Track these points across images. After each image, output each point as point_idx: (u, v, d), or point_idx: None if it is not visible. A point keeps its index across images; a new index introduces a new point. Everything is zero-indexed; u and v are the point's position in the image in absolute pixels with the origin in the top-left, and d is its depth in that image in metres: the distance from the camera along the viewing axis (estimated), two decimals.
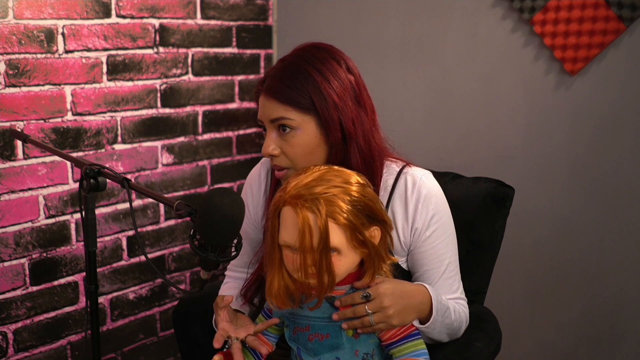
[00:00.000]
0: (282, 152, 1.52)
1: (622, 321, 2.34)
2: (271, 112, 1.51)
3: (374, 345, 1.42)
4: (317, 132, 1.51)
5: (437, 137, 2.55)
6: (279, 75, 1.51)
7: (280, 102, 1.49)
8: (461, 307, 1.59)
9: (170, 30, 2.43)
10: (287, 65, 1.52)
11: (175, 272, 2.57)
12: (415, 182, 1.56)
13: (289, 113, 1.49)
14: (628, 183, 2.27)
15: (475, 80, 2.46)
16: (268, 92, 1.51)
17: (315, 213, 1.29)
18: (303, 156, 1.51)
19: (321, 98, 1.49)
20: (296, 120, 1.49)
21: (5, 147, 2.02)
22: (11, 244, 2.06)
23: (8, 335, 2.08)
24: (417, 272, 1.58)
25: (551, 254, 2.41)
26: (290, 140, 1.51)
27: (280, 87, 1.49)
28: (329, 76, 1.50)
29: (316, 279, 1.32)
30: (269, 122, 1.52)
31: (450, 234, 1.59)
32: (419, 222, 1.55)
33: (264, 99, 1.52)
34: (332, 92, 1.49)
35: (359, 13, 2.64)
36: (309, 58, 1.52)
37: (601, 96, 2.27)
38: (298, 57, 1.53)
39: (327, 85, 1.49)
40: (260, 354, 1.50)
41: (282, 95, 1.49)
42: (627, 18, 2.18)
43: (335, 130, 1.50)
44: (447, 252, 1.57)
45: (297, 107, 1.49)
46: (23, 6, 2.01)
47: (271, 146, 1.52)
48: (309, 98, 1.49)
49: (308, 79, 1.49)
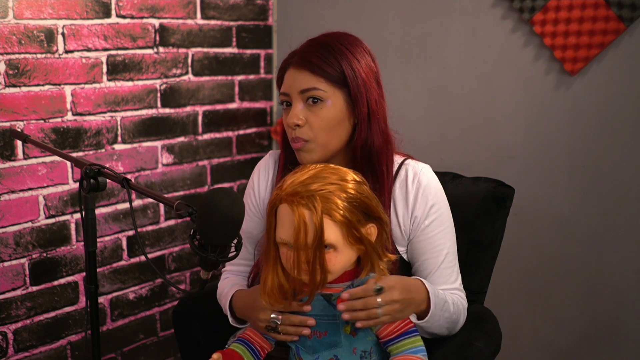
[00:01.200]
0: (307, 123, 1.55)
1: (622, 321, 2.34)
2: (303, 83, 1.55)
3: (371, 343, 1.42)
4: (344, 106, 1.56)
5: (437, 137, 2.55)
6: (311, 50, 1.57)
7: (313, 73, 1.54)
8: (459, 299, 1.59)
9: (170, 30, 2.43)
10: (318, 42, 1.58)
11: (175, 272, 2.57)
12: (416, 173, 1.61)
13: (321, 84, 1.54)
14: (628, 183, 2.27)
15: (475, 80, 2.46)
16: (300, 64, 1.56)
17: (311, 210, 1.30)
18: (327, 130, 1.55)
19: (353, 73, 1.55)
20: (327, 92, 1.54)
21: (5, 147, 2.02)
22: (11, 244, 2.06)
23: (8, 335, 2.08)
24: (417, 261, 1.60)
25: (551, 254, 2.42)
26: (318, 112, 1.55)
27: (313, 59, 1.55)
28: (358, 56, 1.57)
29: (309, 275, 1.33)
30: (298, 93, 1.55)
31: (448, 225, 1.61)
32: (418, 210, 1.58)
33: (294, 71, 1.56)
34: (361, 70, 1.56)
35: (359, 13, 2.64)
36: (340, 38, 1.59)
37: (601, 96, 2.27)
38: (328, 37, 1.60)
39: (357, 63, 1.56)
40: (260, 353, 1.50)
41: (316, 67, 1.54)
42: (627, 18, 2.18)
43: (363, 105, 1.56)
44: (446, 243, 1.60)
45: (329, 79, 1.54)
46: (23, 6, 2.01)
47: (298, 115, 1.55)
48: (341, 71, 1.55)
49: (341, 54, 1.55)
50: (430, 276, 1.58)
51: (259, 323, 1.48)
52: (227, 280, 1.75)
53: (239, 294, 1.63)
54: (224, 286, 1.72)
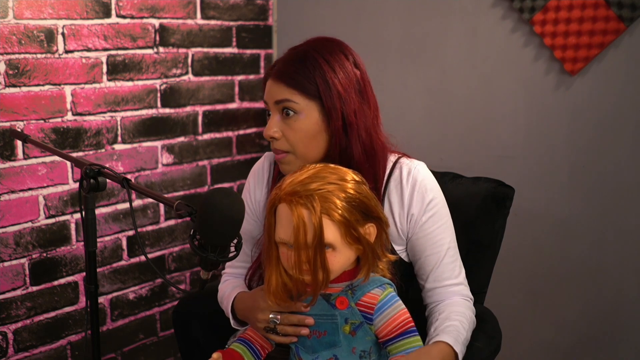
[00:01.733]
0: (283, 136, 1.56)
1: (622, 321, 2.34)
2: (277, 94, 1.56)
3: (371, 343, 1.42)
4: (319, 119, 1.55)
5: (437, 137, 2.54)
6: (289, 60, 1.57)
7: (287, 85, 1.54)
8: (466, 310, 1.58)
9: (170, 30, 2.43)
10: (297, 52, 1.58)
11: (175, 272, 2.57)
12: (410, 171, 1.61)
13: (294, 96, 1.54)
14: (628, 183, 2.27)
15: (475, 80, 2.46)
16: (276, 75, 1.57)
17: (309, 209, 1.30)
18: (303, 141, 1.56)
19: (326, 86, 1.54)
20: (300, 104, 1.54)
21: (5, 147, 2.02)
22: (11, 244, 2.06)
23: (8, 335, 2.08)
24: (419, 259, 1.61)
25: (551, 254, 2.41)
26: (293, 125, 1.55)
27: (288, 71, 1.55)
28: (335, 67, 1.56)
29: (310, 275, 1.33)
30: (274, 104, 1.57)
31: (446, 220, 1.62)
32: (414, 208, 1.58)
33: (271, 82, 1.58)
34: (337, 82, 1.55)
35: (359, 13, 2.64)
36: (318, 48, 1.58)
37: (601, 96, 2.27)
38: (308, 46, 1.59)
39: (333, 74, 1.55)
40: (261, 353, 1.50)
41: (290, 79, 1.54)
42: (627, 18, 2.18)
43: (337, 119, 1.55)
44: (446, 238, 1.60)
45: (302, 92, 1.54)
46: (23, 6, 2.01)
47: (273, 128, 1.56)
48: (314, 84, 1.54)
49: (315, 66, 1.55)
50: (434, 272, 1.59)
51: (258, 324, 1.49)
52: (227, 283, 1.75)
53: (241, 296, 1.63)
54: (225, 289, 1.73)
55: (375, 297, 1.39)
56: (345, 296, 1.40)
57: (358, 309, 1.39)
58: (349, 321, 1.40)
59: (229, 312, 1.66)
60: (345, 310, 1.40)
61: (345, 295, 1.40)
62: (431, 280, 1.60)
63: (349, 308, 1.40)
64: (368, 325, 1.40)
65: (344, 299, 1.40)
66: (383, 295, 1.39)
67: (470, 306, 1.61)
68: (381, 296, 1.39)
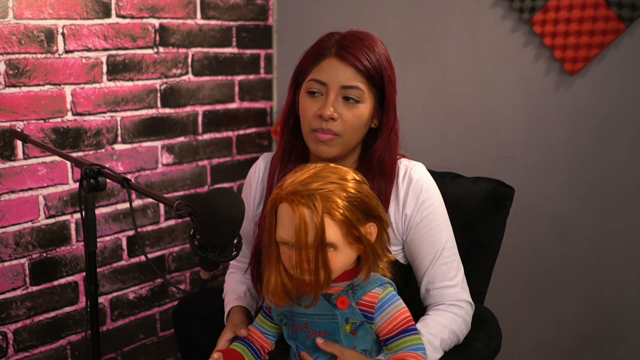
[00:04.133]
0: (339, 118, 1.54)
1: (622, 321, 2.34)
2: (347, 79, 1.53)
3: (372, 342, 1.42)
4: (372, 110, 1.57)
5: (437, 137, 2.55)
6: (357, 45, 1.54)
7: (358, 71, 1.53)
8: (457, 318, 1.56)
9: (170, 30, 2.43)
10: (360, 39, 1.55)
11: (175, 272, 2.57)
12: (406, 171, 1.60)
13: (363, 84, 1.53)
14: (628, 183, 2.27)
15: (475, 80, 2.46)
16: (345, 58, 1.52)
17: (311, 209, 1.30)
18: (355, 129, 1.55)
19: (390, 80, 1.56)
20: (365, 93, 1.54)
21: (5, 147, 2.02)
22: (11, 244, 2.06)
23: (8, 335, 2.08)
24: (415, 260, 1.60)
25: (551, 253, 2.41)
26: (353, 110, 1.54)
27: (360, 55, 1.52)
28: (392, 66, 1.59)
29: (312, 275, 1.33)
30: (340, 87, 1.53)
31: (443, 220, 1.60)
32: (409, 208, 1.58)
33: (337, 63, 1.53)
34: (394, 79, 1.58)
35: (359, 13, 2.64)
36: (377, 41, 1.58)
37: (601, 96, 2.27)
38: (368, 36, 1.57)
39: (391, 71, 1.58)
40: (261, 352, 1.50)
41: (362, 65, 1.53)
42: (627, 18, 2.18)
43: (392, 114, 1.58)
44: (442, 239, 1.59)
45: (370, 82, 1.54)
46: (23, 6, 2.01)
47: (332, 109, 1.53)
48: (381, 77, 1.55)
49: (383, 58, 1.56)
50: (428, 274, 1.58)
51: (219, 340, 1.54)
52: (232, 275, 1.79)
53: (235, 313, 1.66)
54: (230, 282, 1.77)
55: (376, 296, 1.39)
56: (346, 296, 1.40)
57: (359, 308, 1.39)
58: (350, 321, 1.40)
59: (225, 317, 1.68)
60: (346, 310, 1.40)
61: (346, 295, 1.40)
62: (425, 283, 1.60)
63: (350, 308, 1.40)
64: (369, 324, 1.40)
65: (344, 298, 1.40)
66: (384, 294, 1.39)
67: (459, 313, 1.58)
68: (382, 295, 1.39)
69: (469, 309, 1.60)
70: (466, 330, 1.59)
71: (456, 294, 1.59)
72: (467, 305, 1.60)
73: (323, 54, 1.55)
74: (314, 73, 1.55)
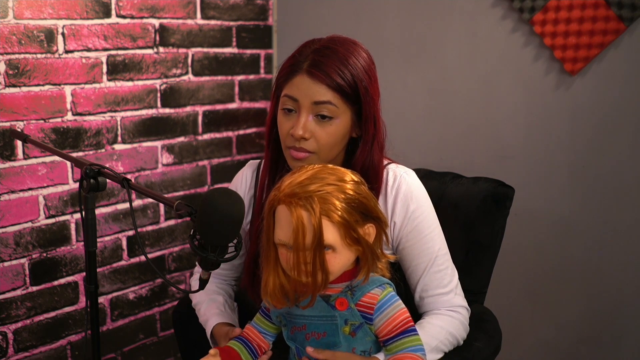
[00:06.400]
0: (313, 136, 1.51)
1: (622, 321, 2.34)
2: (317, 95, 1.48)
3: (371, 343, 1.42)
4: (349, 123, 1.53)
5: (437, 137, 2.55)
6: (328, 60, 1.49)
7: (329, 87, 1.48)
8: (454, 320, 1.56)
9: (170, 30, 2.43)
10: (333, 51, 1.50)
11: (175, 272, 2.57)
12: (395, 178, 1.58)
13: (336, 99, 1.49)
14: (628, 183, 2.27)
15: (475, 80, 2.46)
16: (316, 75, 1.48)
17: (309, 211, 1.30)
18: (331, 145, 1.52)
19: (366, 92, 1.51)
20: (339, 108, 1.50)
21: (5, 147, 2.02)
22: (11, 244, 2.06)
23: (8, 335, 2.08)
24: (407, 269, 1.60)
25: (551, 254, 2.41)
26: (327, 127, 1.50)
27: (331, 72, 1.48)
28: (371, 74, 1.53)
29: (310, 276, 1.33)
30: (311, 104, 1.49)
31: (434, 228, 1.59)
32: (398, 216, 1.56)
33: (309, 80, 1.49)
34: (372, 89, 1.52)
35: (359, 13, 2.64)
36: (353, 50, 1.52)
37: (601, 96, 2.27)
38: (342, 45, 1.52)
39: (369, 83, 1.52)
40: (257, 351, 1.51)
41: (333, 81, 1.48)
42: (627, 18, 2.18)
43: (371, 126, 1.53)
44: (434, 246, 1.57)
45: (343, 96, 1.49)
46: (23, 6, 2.01)
47: (307, 127, 1.49)
48: (355, 91, 1.50)
49: (356, 70, 1.50)
50: (421, 282, 1.58)
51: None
52: (205, 308, 1.72)
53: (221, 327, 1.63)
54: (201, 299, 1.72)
55: (375, 297, 1.39)
56: (344, 297, 1.40)
57: (358, 309, 1.39)
58: (349, 322, 1.40)
59: (208, 333, 1.66)
60: (345, 311, 1.40)
61: (344, 296, 1.40)
62: (419, 290, 1.59)
63: (349, 309, 1.39)
64: (368, 325, 1.40)
65: (343, 300, 1.40)
66: (383, 295, 1.39)
67: (456, 317, 1.57)
68: (381, 296, 1.39)
69: (465, 314, 1.60)
70: (464, 333, 1.59)
71: (451, 300, 1.59)
72: (464, 310, 1.60)
73: (295, 70, 1.51)
74: (287, 88, 1.52)
